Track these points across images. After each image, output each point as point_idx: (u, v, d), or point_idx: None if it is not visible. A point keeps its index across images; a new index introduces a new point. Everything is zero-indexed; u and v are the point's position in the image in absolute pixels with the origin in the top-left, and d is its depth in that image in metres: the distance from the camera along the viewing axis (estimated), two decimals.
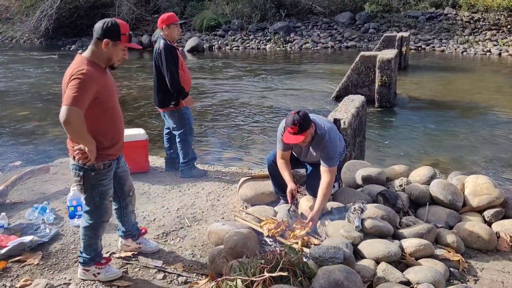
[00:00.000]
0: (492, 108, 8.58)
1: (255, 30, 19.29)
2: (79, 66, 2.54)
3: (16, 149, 6.68)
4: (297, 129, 3.15)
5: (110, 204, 2.87)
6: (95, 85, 2.53)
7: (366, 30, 18.13)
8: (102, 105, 2.62)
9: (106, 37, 2.59)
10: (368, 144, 5.87)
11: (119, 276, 2.94)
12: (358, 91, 8.39)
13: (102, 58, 2.65)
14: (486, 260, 3.07)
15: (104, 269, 2.91)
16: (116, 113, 2.76)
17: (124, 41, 2.63)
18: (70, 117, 2.42)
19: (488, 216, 3.39)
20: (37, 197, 4.15)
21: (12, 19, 21.54)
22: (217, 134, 7.37)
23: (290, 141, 3.23)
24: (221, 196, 4.18)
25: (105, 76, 2.67)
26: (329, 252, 2.65)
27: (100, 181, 2.73)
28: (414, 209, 3.56)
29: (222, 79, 11.95)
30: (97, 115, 2.61)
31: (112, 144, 2.74)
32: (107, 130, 2.71)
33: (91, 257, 2.87)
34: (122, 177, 2.96)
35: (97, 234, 2.85)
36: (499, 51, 15.07)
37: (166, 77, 4.25)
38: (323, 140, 3.34)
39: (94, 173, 2.68)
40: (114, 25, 2.60)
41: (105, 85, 2.64)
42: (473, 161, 5.97)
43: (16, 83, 12.06)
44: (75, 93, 2.44)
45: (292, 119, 3.16)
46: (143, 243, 3.23)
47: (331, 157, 3.34)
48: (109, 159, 2.75)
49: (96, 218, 2.80)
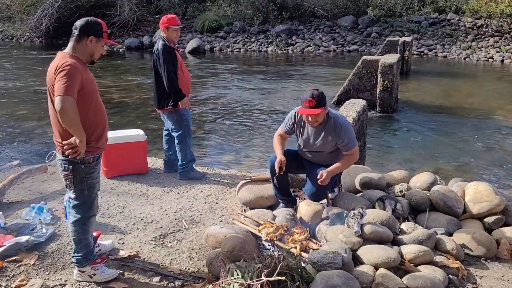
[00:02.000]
0: (494, 114, 8.55)
1: (256, 32, 19.28)
2: (64, 60, 2.62)
3: (14, 148, 6.66)
4: (315, 103, 3.27)
5: (97, 197, 2.90)
6: (80, 77, 2.60)
7: (369, 34, 18.12)
8: (87, 98, 2.68)
9: (90, 34, 2.72)
10: (368, 149, 5.85)
11: (115, 276, 2.92)
12: (359, 96, 8.38)
13: (85, 54, 2.74)
14: (486, 267, 3.04)
15: (99, 269, 2.90)
16: (100, 107, 2.81)
17: (105, 38, 2.79)
18: (65, 106, 2.48)
19: (488, 223, 3.37)
20: (34, 197, 4.13)
21: (13, 17, 21.54)
22: (217, 136, 7.34)
23: (306, 112, 3.34)
24: (220, 199, 4.15)
25: (87, 71, 2.75)
26: (328, 257, 2.63)
27: (89, 174, 2.77)
28: (414, 215, 3.54)
29: (222, 81, 11.94)
30: (83, 109, 2.64)
31: (98, 138, 2.79)
32: (94, 124, 2.75)
33: (83, 254, 2.86)
34: None
35: (86, 229, 2.85)
36: (501, 58, 15.04)
37: (164, 78, 4.23)
38: (338, 124, 3.44)
39: (84, 166, 2.73)
40: (97, 23, 2.76)
41: (89, 78, 2.71)
42: (474, 168, 5.95)
43: (15, 82, 12.04)
44: (66, 83, 2.51)
45: (311, 93, 3.31)
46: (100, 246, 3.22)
47: (350, 139, 3.45)
48: (97, 152, 2.80)
49: (84, 212, 2.82)
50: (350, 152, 3.49)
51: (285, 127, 3.69)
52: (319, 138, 3.50)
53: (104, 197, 4.12)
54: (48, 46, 19.61)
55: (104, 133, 2.85)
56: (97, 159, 2.81)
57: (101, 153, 2.87)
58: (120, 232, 3.51)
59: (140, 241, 3.38)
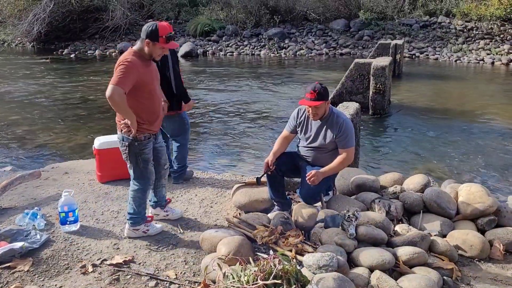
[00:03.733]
0: (485, 116, 8.64)
1: (249, 36, 19.33)
2: (127, 56, 3.12)
3: (7, 154, 6.62)
4: (315, 96, 3.39)
5: (152, 169, 3.41)
6: (136, 72, 3.09)
7: (361, 37, 18.24)
8: (141, 89, 3.18)
9: (147, 38, 3.14)
10: (362, 152, 5.88)
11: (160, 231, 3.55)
12: (352, 98, 8.42)
13: (145, 53, 3.20)
14: (479, 268, 3.07)
15: (150, 226, 3.49)
16: (154, 96, 3.31)
17: (161, 43, 3.15)
18: (112, 94, 2.99)
19: (481, 224, 3.40)
20: (28, 203, 4.10)
21: (4, 22, 21.41)
22: (210, 140, 7.35)
23: (306, 104, 3.45)
24: (214, 203, 4.15)
25: (147, 66, 3.22)
26: (323, 259, 2.64)
27: (142, 150, 3.29)
28: (408, 217, 3.57)
29: (215, 85, 11.95)
30: (137, 97, 3.18)
31: (150, 121, 3.28)
32: (146, 109, 3.25)
33: (141, 216, 3.44)
34: (160, 151, 3.52)
35: (145, 196, 3.44)
36: (492, 60, 15.21)
37: (172, 80, 4.16)
38: (340, 119, 3.53)
39: (137, 143, 3.25)
40: (154, 29, 3.12)
41: (146, 72, 3.19)
42: (467, 169, 6.00)
43: (6, 87, 11.96)
44: (119, 76, 3.02)
45: (313, 86, 3.43)
46: (169, 211, 3.76)
47: (348, 136, 3.52)
48: (149, 132, 3.30)
49: (143, 182, 3.38)
50: (347, 150, 3.53)
51: (289, 126, 3.76)
52: (320, 132, 3.56)
53: (99, 202, 4.11)
54: (40, 51, 19.52)
55: (157, 119, 3.36)
56: (148, 137, 3.30)
57: (154, 133, 3.37)
58: (115, 237, 3.49)
59: (135, 246, 3.37)
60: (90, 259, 3.19)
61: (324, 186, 3.63)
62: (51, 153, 6.72)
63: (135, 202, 3.40)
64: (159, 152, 3.51)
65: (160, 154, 3.53)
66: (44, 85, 12.23)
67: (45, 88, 11.71)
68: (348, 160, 3.57)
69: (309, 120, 3.63)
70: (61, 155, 6.54)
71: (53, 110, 9.44)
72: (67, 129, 7.97)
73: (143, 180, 3.37)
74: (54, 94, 11.05)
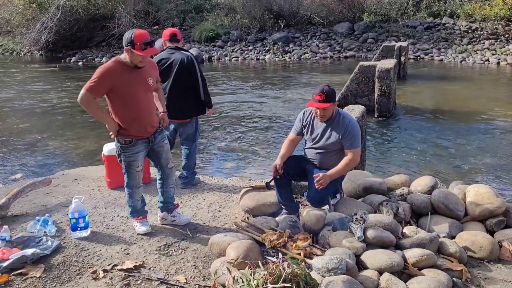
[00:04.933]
0: (491, 116, 8.61)
1: (254, 40, 19.41)
2: (106, 63, 3.27)
3: (17, 161, 6.69)
4: (324, 97, 3.43)
5: (137, 174, 3.52)
6: (109, 77, 3.20)
7: (365, 40, 18.24)
8: (117, 94, 3.27)
9: (126, 46, 3.21)
10: (368, 154, 5.89)
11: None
12: (357, 101, 8.43)
13: (127, 61, 3.28)
14: (489, 269, 3.06)
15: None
16: (131, 102, 3.32)
17: (137, 50, 3.17)
18: (80, 99, 3.21)
19: (490, 225, 3.39)
20: (39, 210, 4.15)
21: (12, 32, 21.67)
22: (217, 144, 7.38)
23: (315, 106, 3.48)
24: (223, 207, 4.18)
25: (129, 72, 3.28)
26: (332, 262, 2.64)
27: (124, 153, 3.43)
28: (416, 219, 3.56)
29: (221, 90, 12.00)
30: (113, 102, 3.32)
31: (127, 126, 3.36)
32: (121, 114, 3.34)
33: (137, 209, 3.65)
34: (158, 152, 3.58)
35: (131, 194, 3.58)
36: (497, 60, 15.15)
37: (200, 86, 4.30)
38: (346, 119, 3.56)
39: (120, 146, 3.42)
40: (130, 37, 3.18)
41: (124, 78, 3.25)
42: (474, 170, 5.99)
43: (15, 95, 12.10)
44: (90, 82, 3.19)
45: (321, 88, 3.47)
46: (177, 216, 3.77)
47: (355, 136, 3.54)
48: (130, 137, 3.39)
49: (127, 181, 3.54)
50: (353, 151, 3.55)
51: (295, 129, 3.79)
52: (326, 133, 3.58)
53: (108, 208, 4.15)
54: (48, 59, 19.71)
55: (140, 124, 3.38)
56: (129, 142, 3.40)
57: (136, 139, 3.41)
58: (125, 243, 3.53)
59: (145, 251, 3.40)
60: (101, 264, 3.22)
61: (331, 189, 3.65)
62: (61, 160, 6.79)
63: (128, 199, 3.64)
64: (157, 153, 3.58)
65: (159, 155, 3.59)
66: (53, 92, 12.35)
67: (54, 96, 11.83)
68: (354, 161, 3.59)
69: (315, 121, 3.67)
70: (70, 161, 6.61)
71: (62, 118, 9.54)
72: (76, 135, 8.05)
73: (127, 179, 3.54)
74: (63, 101, 11.16)
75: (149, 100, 3.48)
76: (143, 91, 3.38)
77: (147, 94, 3.44)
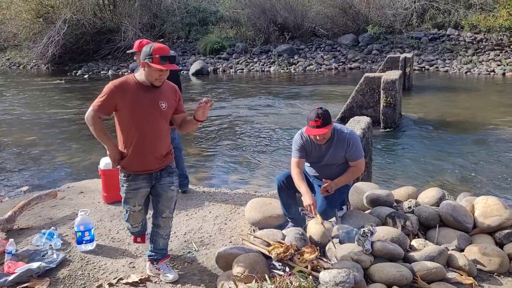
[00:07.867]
0: (498, 127, 8.56)
1: (259, 52, 19.53)
2: (117, 79, 2.91)
3: (23, 174, 6.72)
4: (321, 122, 3.30)
5: (133, 215, 3.14)
6: (112, 95, 2.83)
7: (369, 51, 18.30)
8: (122, 114, 2.88)
9: (144, 60, 2.83)
10: (374, 166, 5.86)
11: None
12: (363, 112, 8.42)
13: (144, 77, 2.88)
14: (499, 283, 3.01)
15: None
16: (138, 126, 2.89)
17: (155, 63, 2.78)
18: (87, 116, 2.88)
19: (499, 238, 3.34)
20: (45, 223, 4.14)
21: (19, 45, 21.95)
22: (222, 156, 7.38)
23: (314, 133, 3.35)
24: (229, 220, 4.16)
25: (139, 91, 2.87)
26: (340, 276, 2.62)
27: (122, 185, 3.04)
28: (424, 231, 3.52)
29: (226, 102, 12.04)
30: (119, 124, 2.94)
31: (132, 158, 2.94)
32: (125, 140, 2.95)
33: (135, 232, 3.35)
34: (159, 194, 3.06)
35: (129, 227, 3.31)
36: (503, 71, 15.13)
37: None
38: (344, 134, 3.49)
39: (121, 175, 3.03)
40: (148, 50, 2.81)
41: (132, 97, 2.85)
42: (481, 181, 5.93)
43: (22, 108, 12.21)
44: (98, 99, 2.85)
45: (316, 113, 3.33)
46: (161, 270, 3.19)
47: (357, 148, 3.49)
48: (129, 170, 2.97)
49: (124, 214, 3.20)
50: (356, 162, 3.52)
51: (297, 153, 3.59)
52: (329, 152, 3.54)
53: (114, 221, 4.14)
54: (55, 72, 19.90)
55: (136, 152, 2.92)
56: (127, 175, 2.98)
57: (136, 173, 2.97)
58: (131, 256, 3.51)
59: None
60: (106, 278, 3.20)
61: (338, 201, 3.62)
62: (67, 173, 6.81)
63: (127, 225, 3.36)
64: (158, 195, 3.06)
65: (158, 198, 3.06)
66: (59, 105, 12.44)
67: (60, 109, 11.91)
68: (359, 171, 3.58)
69: (313, 141, 3.58)
70: (76, 174, 6.62)
71: (68, 130, 9.59)
72: (82, 148, 8.08)
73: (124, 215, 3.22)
74: (69, 114, 11.23)
75: (158, 128, 2.94)
76: (152, 114, 2.89)
77: (158, 120, 2.92)
